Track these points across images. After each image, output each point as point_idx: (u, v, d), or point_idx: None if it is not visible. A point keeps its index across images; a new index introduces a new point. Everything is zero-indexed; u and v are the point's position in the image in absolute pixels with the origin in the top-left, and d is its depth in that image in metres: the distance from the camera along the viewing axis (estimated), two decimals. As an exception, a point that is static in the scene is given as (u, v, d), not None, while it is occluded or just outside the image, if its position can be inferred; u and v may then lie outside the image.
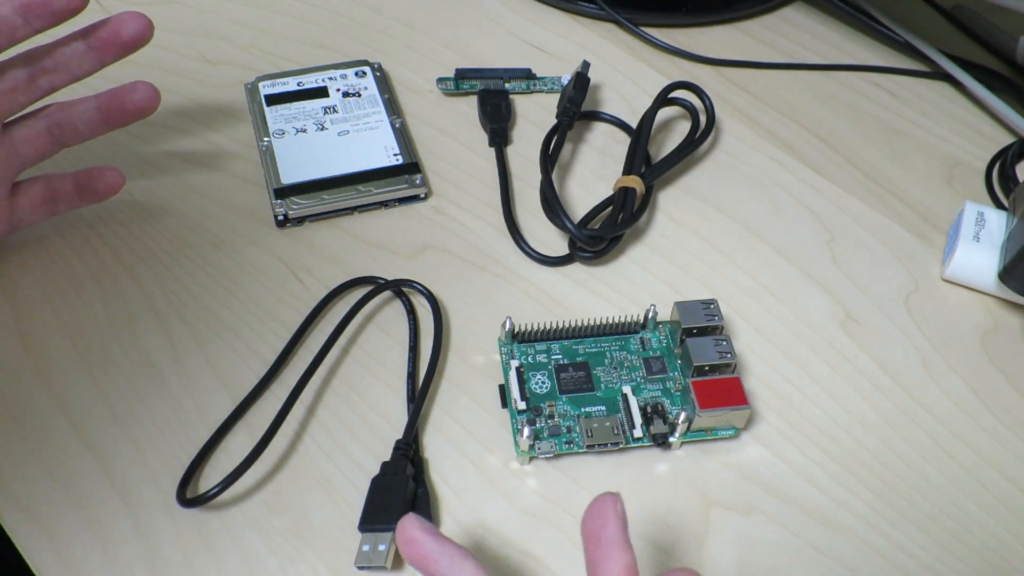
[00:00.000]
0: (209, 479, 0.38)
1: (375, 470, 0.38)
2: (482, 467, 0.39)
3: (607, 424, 0.39)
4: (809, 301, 0.46)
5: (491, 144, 0.52)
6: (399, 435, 0.39)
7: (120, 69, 0.54)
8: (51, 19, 0.38)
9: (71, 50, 0.40)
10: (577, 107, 0.51)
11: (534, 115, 0.54)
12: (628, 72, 0.58)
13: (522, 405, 0.39)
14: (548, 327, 0.42)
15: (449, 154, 0.51)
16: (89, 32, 0.40)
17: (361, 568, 0.35)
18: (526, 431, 0.38)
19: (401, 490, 0.36)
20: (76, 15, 0.39)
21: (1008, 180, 0.52)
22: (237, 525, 0.37)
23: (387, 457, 0.38)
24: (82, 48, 0.40)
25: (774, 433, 0.41)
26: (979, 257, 0.46)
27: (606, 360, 0.42)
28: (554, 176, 0.50)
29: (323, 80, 0.53)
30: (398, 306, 0.44)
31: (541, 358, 0.42)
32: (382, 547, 0.35)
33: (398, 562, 0.36)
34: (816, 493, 0.39)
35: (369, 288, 0.43)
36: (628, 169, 0.50)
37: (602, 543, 0.28)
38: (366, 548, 0.35)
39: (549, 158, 0.49)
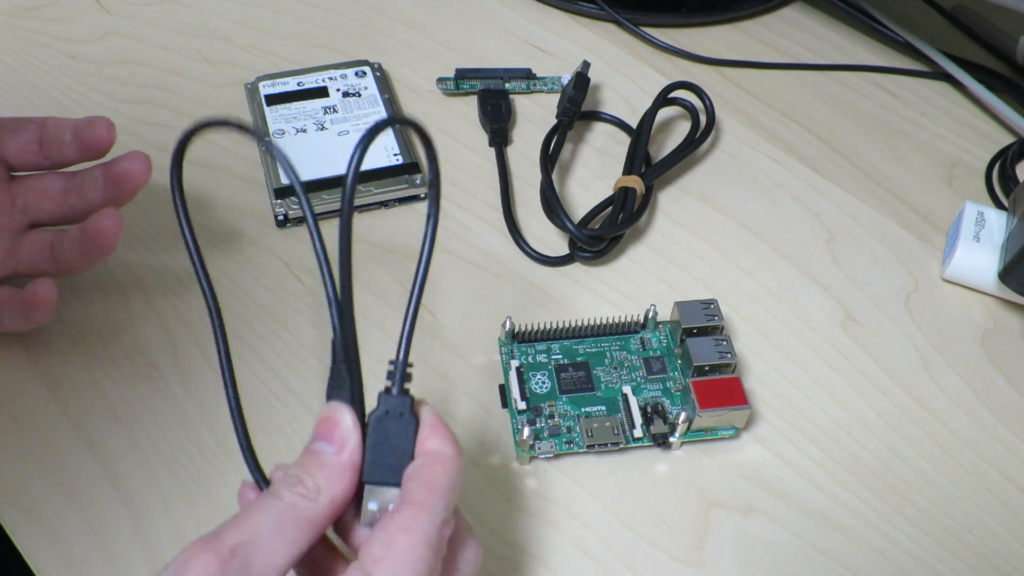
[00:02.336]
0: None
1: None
2: (482, 467, 0.39)
3: (607, 424, 0.39)
4: (809, 301, 0.46)
5: (491, 144, 0.52)
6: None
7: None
8: (87, 152, 0.41)
9: (92, 180, 0.41)
10: (577, 107, 0.51)
11: (534, 115, 0.54)
12: (628, 72, 0.58)
13: (522, 405, 0.39)
14: (548, 327, 0.42)
15: (449, 154, 0.51)
16: (106, 167, 0.41)
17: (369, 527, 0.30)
18: (526, 431, 0.38)
19: (408, 435, 0.29)
20: (98, 157, 0.41)
21: (1008, 180, 0.52)
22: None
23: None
24: (101, 180, 0.41)
25: (774, 433, 0.41)
26: (979, 257, 0.46)
27: (606, 360, 0.42)
28: (554, 176, 0.50)
29: (323, 80, 0.53)
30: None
31: (541, 358, 0.42)
32: (392, 507, 0.29)
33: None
34: (816, 493, 0.39)
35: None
36: (628, 169, 0.50)
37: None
38: (372, 506, 0.29)
39: (549, 158, 0.49)
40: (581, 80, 0.52)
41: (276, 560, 0.26)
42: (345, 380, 0.29)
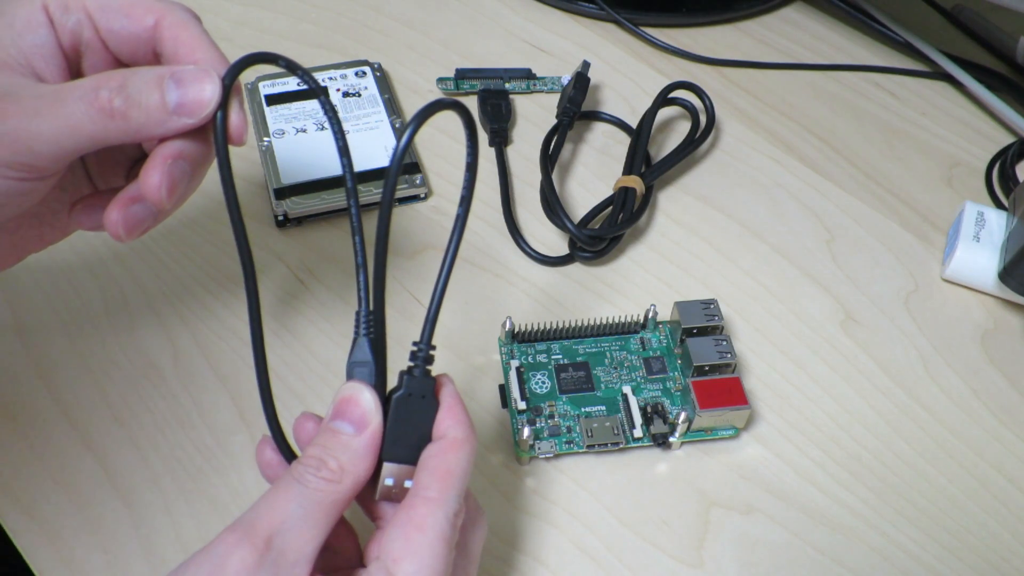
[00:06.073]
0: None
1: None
2: (482, 467, 0.39)
3: (607, 424, 0.39)
4: (809, 301, 0.46)
5: (491, 144, 0.52)
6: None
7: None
8: None
9: None
10: (577, 107, 0.51)
11: (534, 115, 0.54)
12: (628, 72, 0.58)
13: (522, 405, 0.39)
14: (548, 327, 0.42)
15: (449, 154, 0.51)
16: None
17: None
18: (526, 431, 0.38)
19: (429, 417, 0.30)
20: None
21: (1008, 180, 0.52)
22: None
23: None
24: None
25: (774, 433, 0.41)
26: (979, 257, 0.46)
27: (606, 360, 0.42)
28: (554, 176, 0.50)
29: (323, 80, 0.53)
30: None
31: (541, 358, 0.42)
32: (408, 484, 0.29)
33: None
34: (816, 493, 0.39)
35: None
36: (628, 169, 0.50)
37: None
38: (389, 482, 0.29)
39: (549, 158, 0.49)
40: (581, 80, 0.52)
41: (307, 548, 0.26)
42: (368, 357, 0.29)
